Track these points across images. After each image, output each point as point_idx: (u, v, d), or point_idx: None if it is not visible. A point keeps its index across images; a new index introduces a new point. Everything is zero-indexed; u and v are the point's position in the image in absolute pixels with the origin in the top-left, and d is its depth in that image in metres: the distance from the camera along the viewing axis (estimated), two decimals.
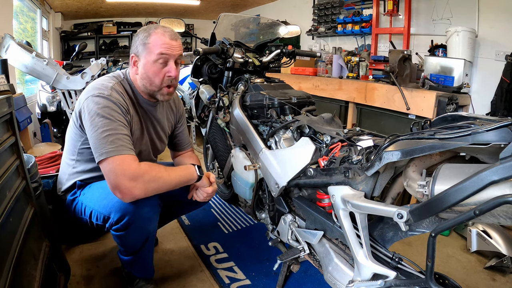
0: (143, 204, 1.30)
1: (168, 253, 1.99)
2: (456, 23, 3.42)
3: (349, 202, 1.04)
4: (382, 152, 0.92)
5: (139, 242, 1.39)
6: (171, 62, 1.40)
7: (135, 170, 1.23)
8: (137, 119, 1.48)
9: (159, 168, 1.31)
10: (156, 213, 1.38)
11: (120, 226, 1.33)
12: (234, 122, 1.77)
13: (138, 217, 1.31)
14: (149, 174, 1.26)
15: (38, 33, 5.05)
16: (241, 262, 1.91)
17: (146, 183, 1.25)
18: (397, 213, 0.89)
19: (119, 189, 1.22)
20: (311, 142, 1.36)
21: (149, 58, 1.38)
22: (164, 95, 1.46)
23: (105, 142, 1.23)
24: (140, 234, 1.37)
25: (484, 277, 1.88)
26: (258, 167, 1.56)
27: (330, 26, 4.63)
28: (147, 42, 1.37)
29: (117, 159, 1.23)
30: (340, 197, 1.08)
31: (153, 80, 1.40)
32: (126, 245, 1.43)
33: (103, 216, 1.37)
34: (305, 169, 1.32)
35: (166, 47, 1.37)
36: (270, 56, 2.09)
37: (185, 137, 1.80)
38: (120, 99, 1.34)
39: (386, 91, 2.79)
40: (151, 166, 1.30)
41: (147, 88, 1.43)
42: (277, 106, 1.62)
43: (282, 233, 1.51)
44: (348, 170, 1.10)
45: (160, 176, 1.29)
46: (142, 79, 1.43)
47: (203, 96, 1.98)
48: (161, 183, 1.30)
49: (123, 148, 1.25)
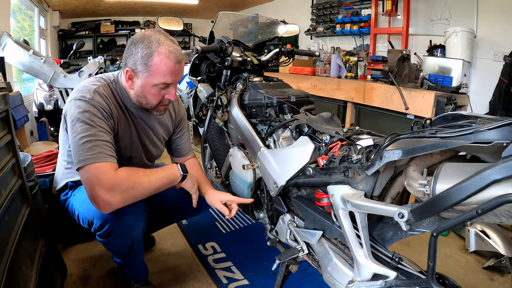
0: (125, 212, 1.24)
1: (165, 253, 1.98)
2: (455, 24, 3.43)
3: (349, 201, 1.03)
4: (382, 151, 0.91)
5: (124, 249, 1.37)
6: (172, 86, 1.33)
7: (111, 180, 1.16)
8: (125, 124, 1.41)
9: (138, 174, 1.24)
10: (139, 219, 1.34)
11: (102, 233, 1.30)
12: (232, 121, 1.76)
13: (119, 225, 1.27)
14: (127, 182, 1.19)
15: (35, 32, 5.02)
16: (239, 262, 1.90)
17: (124, 192, 1.18)
18: (398, 213, 0.88)
19: (96, 201, 1.16)
20: (310, 141, 1.35)
21: (149, 81, 1.28)
22: (160, 111, 1.41)
23: (83, 149, 1.17)
24: (123, 241, 1.34)
25: (483, 277, 1.88)
26: (257, 166, 1.55)
27: (328, 26, 4.63)
28: (150, 63, 1.25)
29: (93, 168, 1.16)
30: (340, 196, 1.07)
31: (150, 100, 1.34)
32: (112, 250, 1.42)
33: (87, 221, 1.34)
34: (304, 168, 1.31)
35: (171, 74, 1.27)
36: (268, 55, 2.08)
37: (184, 142, 1.71)
38: (102, 103, 1.27)
39: (384, 91, 2.78)
40: (129, 172, 1.22)
41: (142, 104, 1.37)
42: (275, 105, 1.61)
43: (280, 233, 1.50)
44: (348, 169, 1.09)
45: (139, 182, 1.22)
46: (137, 96, 1.35)
47: (201, 95, 1.96)
48: (141, 189, 1.23)
49: (101, 156, 1.18)
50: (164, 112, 1.43)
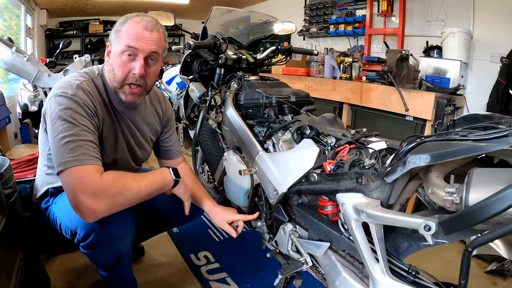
0: (111, 221, 1.12)
1: (155, 263, 1.86)
2: (451, 25, 3.40)
3: (363, 211, 0.91)
4: (406, 156, 0.80)
5: (111, 262, 1.24)
6: (139, 58, 1.19)
7: (96, 185, 1.04)
8: (110, 123, 1.29)
9: (126, 178, 1.12)
10: (127, 229, 1.21)
11: (86, 244, 1.17)
12: (227, 123, 1.64)
13: (106, 235, 1.15)
14: (114, 187, 1.07)
15: (21, 30, 4.84)
16: (234, 273, 1.79)
17: (111, 198, 1.06)
18: (424, 225, 0.77)
19: (79, 209, 1.04)
20: (315, 144, 1.23)
21: (117, 48, 1.19)
22: (126, 94, 1.24)
23: (64, 150, 1.05)
24: (110, 254, 1.21)
25: (485, 282, 1.83)
26: (254, 171, 1.43)
27: (322, 27, 4.56)
28: (120, 29, 1.19)
29: (76, 171, 1.04)
30: (352, 206, 0.96)
31: (116, 73, 1.21)
32: (97, 263, 1.29)
33: (70, 230, 1.21)
34: (308, 174, 1.20)
35: (136, 38, 1.16)
36: (264, 53, 1.97)
37: (173, 143, 1.60)
38: (86, 99, 1.15)
39: (382, 92, 2.70)
40: (116, 176, 1.10)
41: (112, 83, 1.24)
42: (274, 105, 1.49)
43: (281, 244, 1.38)
44: (361, 175, 0.98)
45: (128, 187, 1.10)
46: (107, 72, 1.24)
47: (193, 95, 1.84)
48: (129, 196, 1.11)
49: (84, 157, 1.06)
50: (133, 99, 1.26)
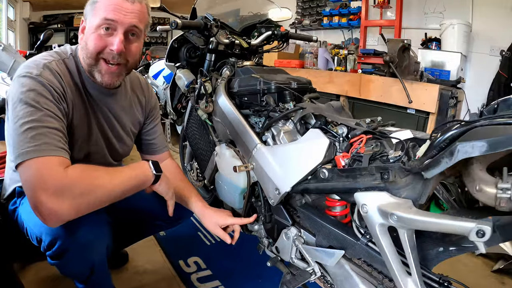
0: (81, 225, 0.94)
1: (140, 271, 1.67)
2: (449, 17, 3.33)
3: (393, 214, 0.74)
4: (454, 144, 0.63)
5: (83, 273, 1.06)
6: (118, 33, 1.03)
7: (59, 180, 0.85)
8: (82, 111, 1.10)
9: (97, 173, 0.94)
10: (100, 235, 1.02)
11: (52, 254, 0.98)
12: (218, 113, 1.45)
13: (74, 243, 0.96)
14: (81, 184, 0.88)
15: (3, 23, 4.58)
16: (229, 281, 1.62)
17: (78, 197, 0.87)
18: (477, 230, 0.61)
19: (39, 211, 0.84)
20: (323, 134, 1.05)
21: (92, 22, 1.02)
22: (102, 73, 1.06)
23: (24, 139, 0.87)
24: (81, 264, 1.02)
25: (493, 281, 1.76)
26: (252, 168, 1.24)
27: (315, 19, 4.43)
28: (96, 1, 1.03)
29: (36, 164, 0.85)
30: (377, 207, 0.78)
31: (90, 49, 1.03)
32: (68, 275, 1.11)
33: (35, 237, 1.03)
34: (316, 169, 1.02)
35: (114, 9, 1.01)
36: (259, 39, 1.80)
37: (158, 136, 1.41)
38: (53, 80, 0.97)
39: (383, 83, 2.57)
40: (85, 171, 0.92)
41: (85, 60, 1.06)
42: (274, 91, 1.31)
43: (283, 250, 1.20)
44: (387, 170, 0.80)
45: (98, 184, 0.92)
46: (81, 50, 1.07)
47: (180, 83, 1.65)
48: (100, 194, 0.92)
49: (47, 147, 0.88)
50: (109, 80, 1.08)
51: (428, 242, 0.86)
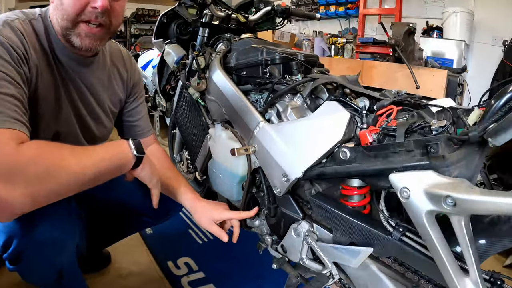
0: (43, 219, 0.78)
1: (124, 274, 1.54)
2: (450, 6, 3.27)
3: (450, 197, 0.56)
4: None
5: (48, 280, 0.88)
6: None
7: (10, 159, 0.65)
8: (50, 80, 0.92)
9: (60, 150, 0.73)
10: (67, 231, 0.84)
11: (9, 256, 0.81)
12: (213, 90, 1.27)
13: (33, 242, 0.80)
14: (38, 165, 0.68)
15: None
16: (224, 284, 1.50)
17: (33, 182, 0.67)
18: None
19: None
20: (342, 107, 0.88)
21: None
22: (82, 36, 0.90)
23: None
24: (44, 268, 0.85)
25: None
26: (253, 150, 1.06)
27: (311, 8, 4.32)
28: None
29: None
30: (424, 190, 0.61)
31: (66, 8, 0.87)
32: (33, 282, 0.93)
33: None
34: (335, 149, 0.84)
35: None
36: (258, 14, 1.64)
37: (141, 118, 1.24)
38: (14, 39, 0.80)
39: (387, 69, 2.45)
40: (43, 147, 0.72)
41: (60, 23, 0.89)
42: (278, 62, 1.12)
43: (291, 249, 1.02)
44: (434, 143, 0.63)
45: (62, 165, 0.71)
46: (54, 10, 0.90)
47: (169, 59, 1.46)
48: (65, 178, 0.71)
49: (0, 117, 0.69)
50: (91, 43, 0.91)
51: (474, 233, 0.70)
